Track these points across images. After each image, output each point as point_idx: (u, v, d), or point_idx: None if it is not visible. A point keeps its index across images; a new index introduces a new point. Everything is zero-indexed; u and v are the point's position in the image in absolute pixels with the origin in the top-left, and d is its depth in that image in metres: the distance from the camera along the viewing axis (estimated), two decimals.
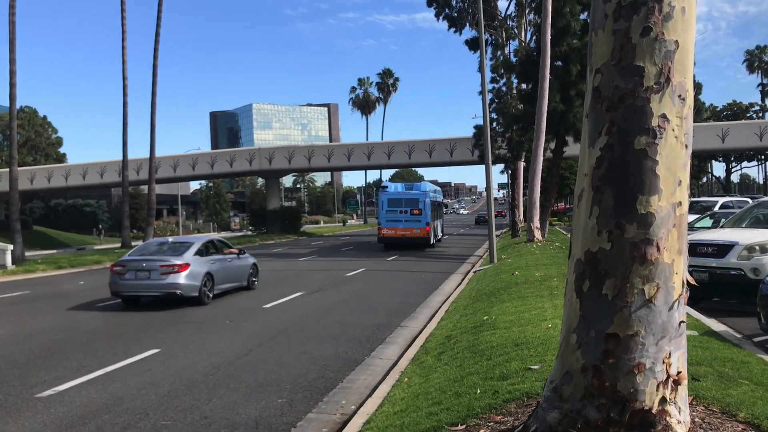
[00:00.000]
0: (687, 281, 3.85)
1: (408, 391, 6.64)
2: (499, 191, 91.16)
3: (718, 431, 4.03)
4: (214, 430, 6.28)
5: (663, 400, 3.66)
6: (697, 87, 69.25)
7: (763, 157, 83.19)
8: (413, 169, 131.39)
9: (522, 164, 39.92)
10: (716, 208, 21.42)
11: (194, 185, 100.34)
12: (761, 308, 8.19)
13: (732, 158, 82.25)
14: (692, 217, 17.60)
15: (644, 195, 3.64)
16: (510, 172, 44.09)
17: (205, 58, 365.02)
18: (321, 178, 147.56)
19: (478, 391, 5.70)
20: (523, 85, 34.59)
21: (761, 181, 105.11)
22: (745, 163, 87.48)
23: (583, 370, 3.76)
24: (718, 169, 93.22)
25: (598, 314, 3.73)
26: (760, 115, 79.51)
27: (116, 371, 8.66)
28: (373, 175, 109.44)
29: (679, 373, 3.74)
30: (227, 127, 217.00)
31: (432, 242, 36.12)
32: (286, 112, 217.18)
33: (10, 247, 27.86)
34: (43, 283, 22.35)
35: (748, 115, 78.69)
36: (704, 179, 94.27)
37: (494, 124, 37.53)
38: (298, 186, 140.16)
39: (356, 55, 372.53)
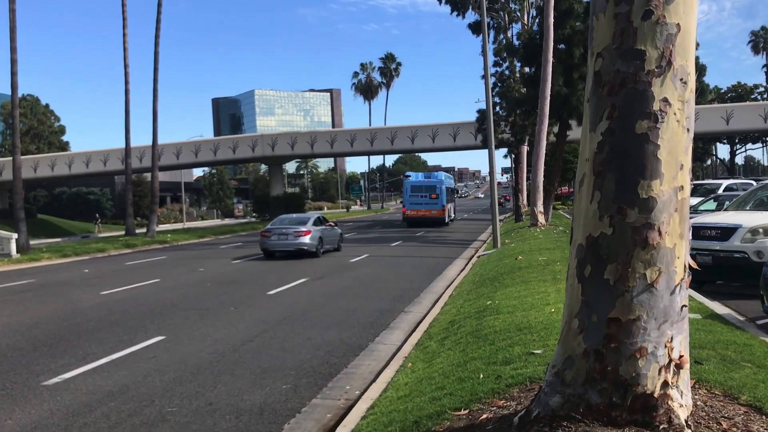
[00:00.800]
0: (689, 265, 3.85)
1: (412, 377, 6.67)
2: (502, 176, 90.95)
3: (720, 414, 4.02)
4: (220, 416, 6.33)
5: (665, 384, 3.67)
6: (701, 68, 68.46)
7: (767, 139, 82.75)
8: (416, 154, 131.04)
9: (525, 148, 39.86)
10: (720, 191, 21.34)
11: (197, 172, 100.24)
12: (765, 291, 8.19)
13: (736, 140, 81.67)
14: (696, 200, 17.54)
15: (646, 179, 3.62)
16: (513, 156, 44.02)
17: (207, 44, 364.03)
18: (324, 164, 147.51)
19: (481, 376, 5.72)
20: (526, 69, 34.48)
21: (766, 163, 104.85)
22: (749, 145, 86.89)
23: (585, 354, 3.77)
24: (723, 151, 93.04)
25: (600, 299, 3.73)
26: (765, 96, 78.78)
27: (122, 359, 8.71)
28: (376, 161, 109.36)
29: (681, 356, 3.75)
30: (230, 114, 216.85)
31: (447, 221, 43.58)
32: (289, 98, 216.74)
33: (15, 235, 27.95)
34: (47, 271, 22.46)
35: (752, 96, 77.94)
36: (708, 162, 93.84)
37: (497, 108, 37.43)
38: (302, 172, 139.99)
39: (358, 40, 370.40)
